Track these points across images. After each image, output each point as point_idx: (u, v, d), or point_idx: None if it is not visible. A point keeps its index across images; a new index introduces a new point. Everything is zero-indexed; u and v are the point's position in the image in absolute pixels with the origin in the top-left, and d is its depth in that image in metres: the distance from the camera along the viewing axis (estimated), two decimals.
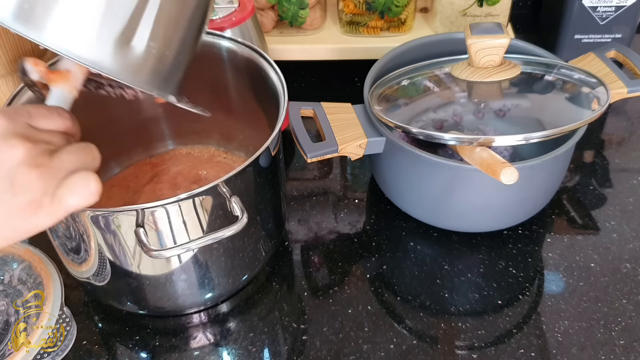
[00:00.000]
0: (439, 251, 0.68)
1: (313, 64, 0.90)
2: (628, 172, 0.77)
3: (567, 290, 0.64)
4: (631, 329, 0.60)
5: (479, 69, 0.68)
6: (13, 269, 0.63)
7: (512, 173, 0.55)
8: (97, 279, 0.58)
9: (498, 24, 0.69)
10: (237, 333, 0.62)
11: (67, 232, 0.54)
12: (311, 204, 0.74)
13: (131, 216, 0.50)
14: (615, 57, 0.74)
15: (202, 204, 0.52)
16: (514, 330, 0.61)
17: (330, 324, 0.62)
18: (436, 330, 0.61)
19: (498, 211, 0.67)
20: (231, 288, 0.62)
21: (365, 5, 0.87)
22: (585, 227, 0.71)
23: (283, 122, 0.57)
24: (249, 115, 0.70)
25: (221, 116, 0.71)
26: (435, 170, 0.64)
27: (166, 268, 0.56)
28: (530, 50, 0.74)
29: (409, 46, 0.76)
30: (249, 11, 0.75)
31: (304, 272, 0.67)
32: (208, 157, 0.75)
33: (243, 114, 0.71)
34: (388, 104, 0.68)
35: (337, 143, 0.65)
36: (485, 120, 0.65)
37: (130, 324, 0.63)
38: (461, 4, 0.87)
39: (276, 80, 0.61)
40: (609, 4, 0.87)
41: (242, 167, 0.52)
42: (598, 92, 0.65)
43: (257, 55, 0.64)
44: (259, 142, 0.54)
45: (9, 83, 0.68)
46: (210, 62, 0.67)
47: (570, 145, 0.62)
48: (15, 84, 0.68)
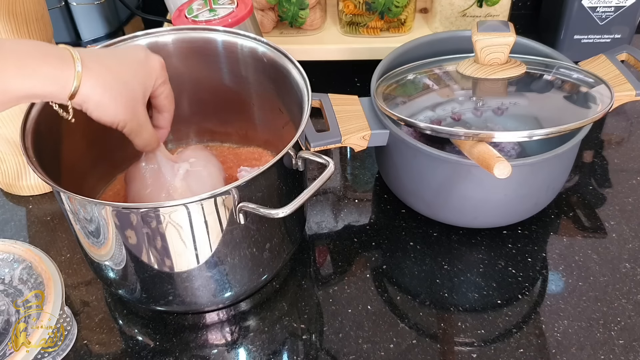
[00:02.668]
0: (438, 251, 0.68)
1: (313, 64, 0.90)
2: (627, 172, 0.77)
3: (566, 289, 0.64)
4: (630, 329, 0.60)
5: (484, 66, 0.69)
6: (14, 268, 0.63)
7: (505, 167, 0.55)
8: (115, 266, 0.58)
9: (505, 22, 0.69)
10: (237, 333, 0.62)
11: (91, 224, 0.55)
12: (311, 204, 0.74)
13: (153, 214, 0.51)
14: (626, 60, 0.75)
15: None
16: (514, 330, 0.61)
17: (330, 323, 0.62)
18: (436, 330, 0.61)
19: (498, 207, 0.67)
20: (252, 288, 0.62)
21: (365, 6, 0.87)
22: (585, 227, 0.71)
23: None
24: (268, 114, 0.71)
25: (240, 116, 0.72)
26: (436, 164, 0.64)
27: (194, 264, 0.56)
28: (539, 49, 0.75)
29: (418, 42, 0.77)
30: (247, 11, 0.75)
31: (304, 272, 0.67)
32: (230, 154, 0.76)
33: (262, 113, 0.72)
34: (394, 97, 0.69)
35: (341, 134, 0.66)
36: (488, 117, 0.66)
37: (134, 323, 0.63)
38: (461, 4, 0.87)
39: (299, 80, 0.61)
40: (608, 5, 0.87)
41: (274, 160, 0.52)
42: (602, 93, 0.65)
43: (280, 54, 0.64)
44: (279, 140, 0.54)
45: None
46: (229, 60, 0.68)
47: (573, 144, 0.62)
48: None
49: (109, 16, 1.00)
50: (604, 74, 0.71)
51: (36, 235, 0.73)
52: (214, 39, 0.67)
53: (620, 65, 0.73)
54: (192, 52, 0.69)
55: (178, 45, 0.68)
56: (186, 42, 0.68)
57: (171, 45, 0.68)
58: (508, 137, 0.61)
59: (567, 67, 0.71)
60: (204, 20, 0.74)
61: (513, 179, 0.57)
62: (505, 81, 0.69)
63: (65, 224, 0.73)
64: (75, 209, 0.54)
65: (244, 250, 0.57)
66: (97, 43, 0.96)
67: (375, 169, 0.79)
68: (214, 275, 0.58)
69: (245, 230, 0.56)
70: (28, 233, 0.73)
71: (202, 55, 0.69)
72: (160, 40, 0.68)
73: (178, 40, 0.68)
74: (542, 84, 0.70)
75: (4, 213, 0.75)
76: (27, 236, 0.73)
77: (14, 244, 0.64)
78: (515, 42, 0.68)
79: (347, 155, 0.82)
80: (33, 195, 0.77)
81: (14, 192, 0.78)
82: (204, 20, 0.74)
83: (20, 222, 0.74)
